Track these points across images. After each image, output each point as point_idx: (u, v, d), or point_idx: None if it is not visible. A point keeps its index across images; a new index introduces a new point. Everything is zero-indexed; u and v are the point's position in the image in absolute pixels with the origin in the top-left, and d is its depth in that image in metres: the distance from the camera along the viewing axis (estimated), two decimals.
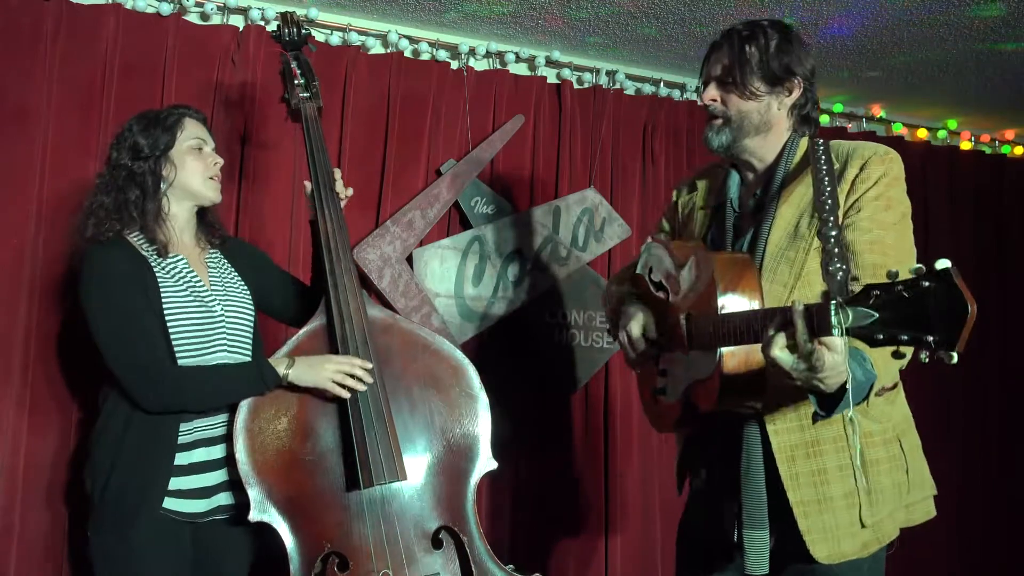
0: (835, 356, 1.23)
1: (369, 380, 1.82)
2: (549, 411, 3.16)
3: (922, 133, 4.03)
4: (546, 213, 3.17)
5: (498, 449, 1.94)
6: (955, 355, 1.05)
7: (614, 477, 3.18)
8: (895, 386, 1.67)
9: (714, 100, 1.70)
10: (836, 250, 1.34)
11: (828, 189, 1.49)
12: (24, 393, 2.42)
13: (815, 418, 1.44)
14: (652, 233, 2.03)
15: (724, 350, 1.44)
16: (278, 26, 2.14)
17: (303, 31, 2.15)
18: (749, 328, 1.36)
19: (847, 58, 3.36)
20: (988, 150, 4.24)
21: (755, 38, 1.66)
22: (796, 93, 1.68)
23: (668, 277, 1.73)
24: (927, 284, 1.06)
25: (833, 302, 1.16)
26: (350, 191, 2.08)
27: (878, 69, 3.48)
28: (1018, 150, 4.23)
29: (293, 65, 2.09)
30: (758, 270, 1.57)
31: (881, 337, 1.11)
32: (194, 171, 1.90)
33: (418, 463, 1.87)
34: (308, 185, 2.03)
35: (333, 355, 1.84)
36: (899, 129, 3.97)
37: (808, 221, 1.61)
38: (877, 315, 1.10)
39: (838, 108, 3.83)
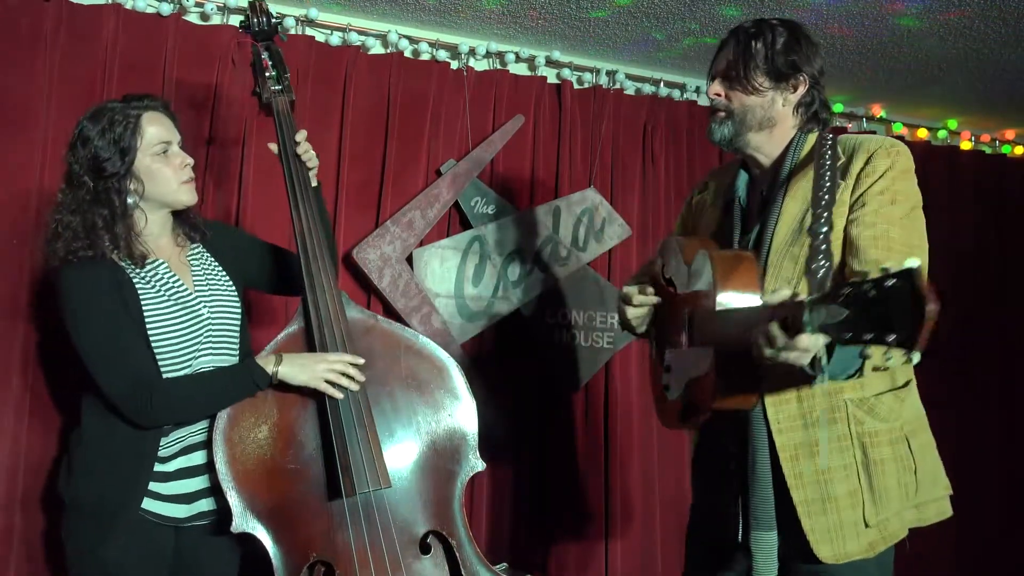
0: (802, 355, 1.29)
1: (362, 378, 1.77)
2: (549, 411, 3.16)
3: (922, 133, 4.03)
4: (546, 213, 3.17)
5: (498, 449, 1.93)
6: (917, 355, 1.05)
7: (614, 477, 3.18)
8: (907, 384, 1.65)
9: (718, 95, 1.71)
10: (823, 247, 1.35)
11: (827, 184, 1.49)
12: (24, 394, 2.42)
13: (805, 378, 1.43)
14: (670, 233, 2.03)
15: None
16: (246, 15, 2.04)
17: (273, 20, 2.05)
18: (733, 330, 1.40)
19: (847, 58, 3.36)
20: (988, 150, 4.23)
21: (762, 35, 1.67)
22: (801, 90, 1.68)
23: (676, 274, 1.74)
24: (891, 284, 1.06)
25: (807, 300, 1.19)
26: (315, 161, 1.99)
27: (878, 69, 3.48)
28: (1018, 150, 4.23)
29: (264, 56, 2.00)
30: (761, 266, 1.58)
31: (849, 336, 1.12)
32: (165, 179, 1.78)
33: (403, 467, 1.82)
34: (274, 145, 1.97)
35: (325, 353, 1.78)
36: (899, 129, 3.97)
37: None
38: (847, 312, 1.11)
39: (838, 108, 3.83)
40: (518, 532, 3.04)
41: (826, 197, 1.47)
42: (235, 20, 2.80)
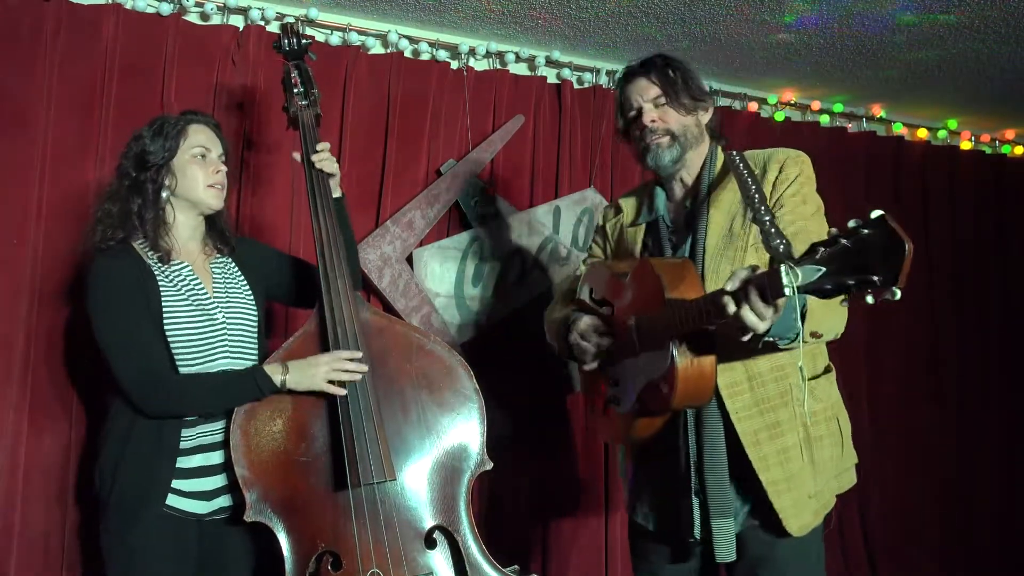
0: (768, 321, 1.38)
1: (363, 368, 1.84)
2: (549, 411, 3.16)
3: (922, 133, 4.03)
4: (546, 213, 3.17)
5: (498, 449, 1.95)
6: (898, 291, 1.14)
7: (614, 477, 3.18)
8: (828, 370, 1.81)
9: (654, 121, 1.83)
10: (772, 229, 1.46)
11: (754, 187, 1.62)
12: (24, 393, 2.42)
13: (757, 341, 1.49)
14: (585, 259, 2.13)
15: (676, 344, 1.54)
16: (279, 37, 2.18)
17: (304, 41, 2.19)
18: (700, 311, 1.47)
19: (847, 58, 3.36)
20: (988, 150, 4.24)
21: (670, 66, 1.84)
22: (711, 110, 1.88)
23: (611, 291, 1.82)
24: (867, 232, 1.17)
25: (783, 264, 1.28)
26: (335, 169, 2.06)
27: (878, 69, 3.48)
28: (1018, 150, 4.24)
29: (294, 74, 2.14)
30: (699, 271, 1.70)
31: (830, 287, 1.21)
32: (195, 179, 1.92)
33: (411, 463, 1.88)
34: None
35: (321, 355, 1.85)
36: (899, 129, 3.97)
37: (741, 221, 1.74)
38: (824, 269, 1.22)
39: (838, 108, 3.83)
40: (518, 532, 3.04)
41: (756, 195, 1.59)
42: (235, 20, 2.81)
